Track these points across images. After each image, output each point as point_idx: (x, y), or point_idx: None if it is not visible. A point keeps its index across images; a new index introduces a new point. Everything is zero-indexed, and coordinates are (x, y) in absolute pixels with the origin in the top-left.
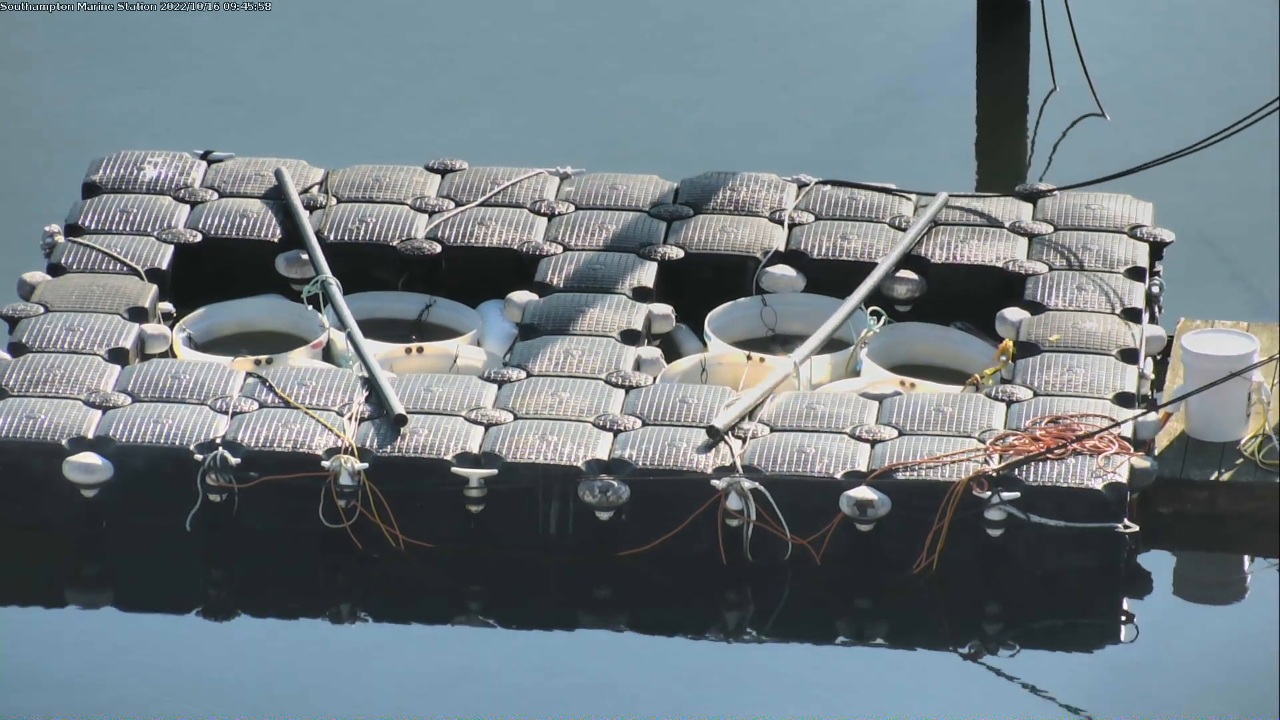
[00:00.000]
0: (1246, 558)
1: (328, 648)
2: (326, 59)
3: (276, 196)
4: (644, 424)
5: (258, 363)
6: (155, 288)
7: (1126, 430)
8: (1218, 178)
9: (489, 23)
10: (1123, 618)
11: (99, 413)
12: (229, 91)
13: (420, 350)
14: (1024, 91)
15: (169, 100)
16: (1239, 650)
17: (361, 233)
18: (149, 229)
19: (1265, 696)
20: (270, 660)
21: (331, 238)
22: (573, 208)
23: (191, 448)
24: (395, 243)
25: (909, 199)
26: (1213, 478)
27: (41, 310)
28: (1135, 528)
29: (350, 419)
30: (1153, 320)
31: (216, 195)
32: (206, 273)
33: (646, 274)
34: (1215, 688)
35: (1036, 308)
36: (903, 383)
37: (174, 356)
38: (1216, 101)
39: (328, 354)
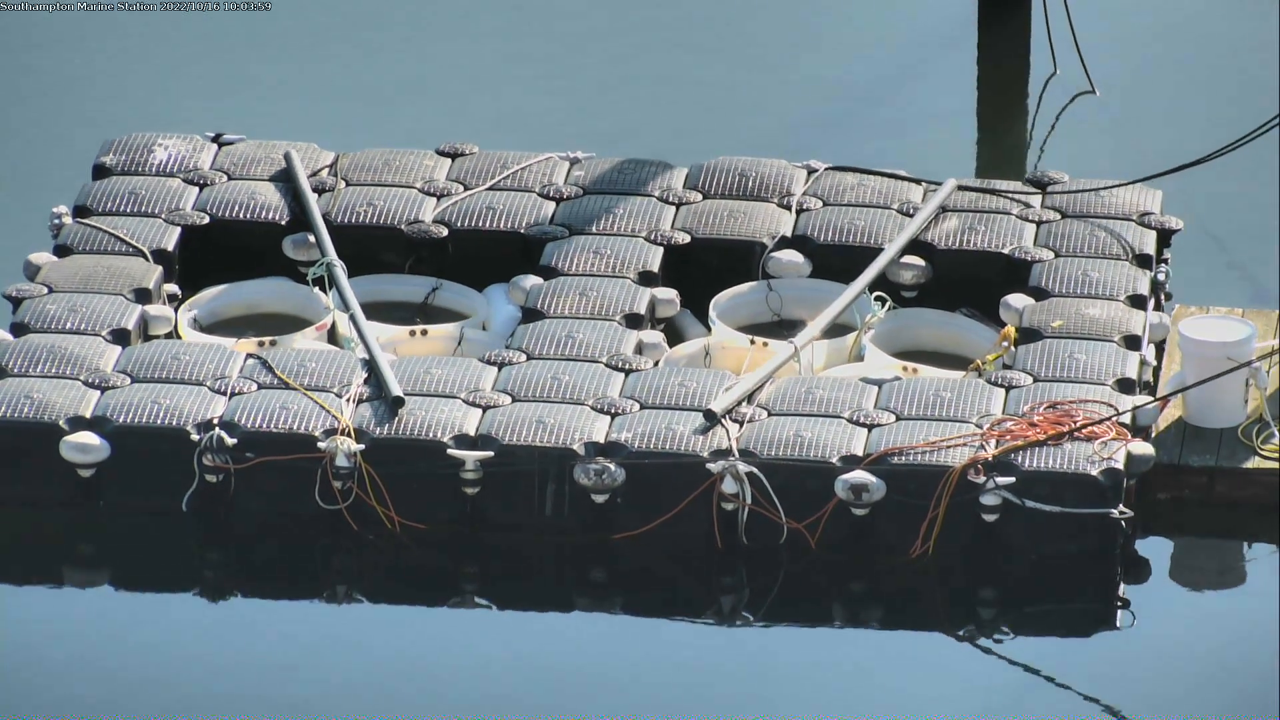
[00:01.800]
0: (1245, 544)
1: (323, 629)
2: (344, 44)
3: (285, 179)
4: (642, 407)
5: (261, 344)
6: (160, 269)
7: (1125, 417)
8: (1213, 165)
9: (504, 6)
10: (1119, 603)
11: (97, 393)
12: (245, 75)
13: (424, 333)
14: (1024, 74)
15: (183, 84)
16: (1237, 636)
17: (369, 215)
18: (157, 211)
19: (1264, 682)
20: (265, 641)
21: (339, 220)
22: (581, 192)
23: (188, 428)
24: (403, 226)
25: (918, 185)
26: (1211, 463)
27: (45, 291)
28: (1129, 513)
29: (348, 401)
30: (1158, 307)
31: (225, 178)
32: (213, 255)
33: (652, 258)
34: (1213, 674)
35: (1041, 294)
36: (905, 368)
37: (178, 338)
38: (1217, 82)
39: (332, 336)
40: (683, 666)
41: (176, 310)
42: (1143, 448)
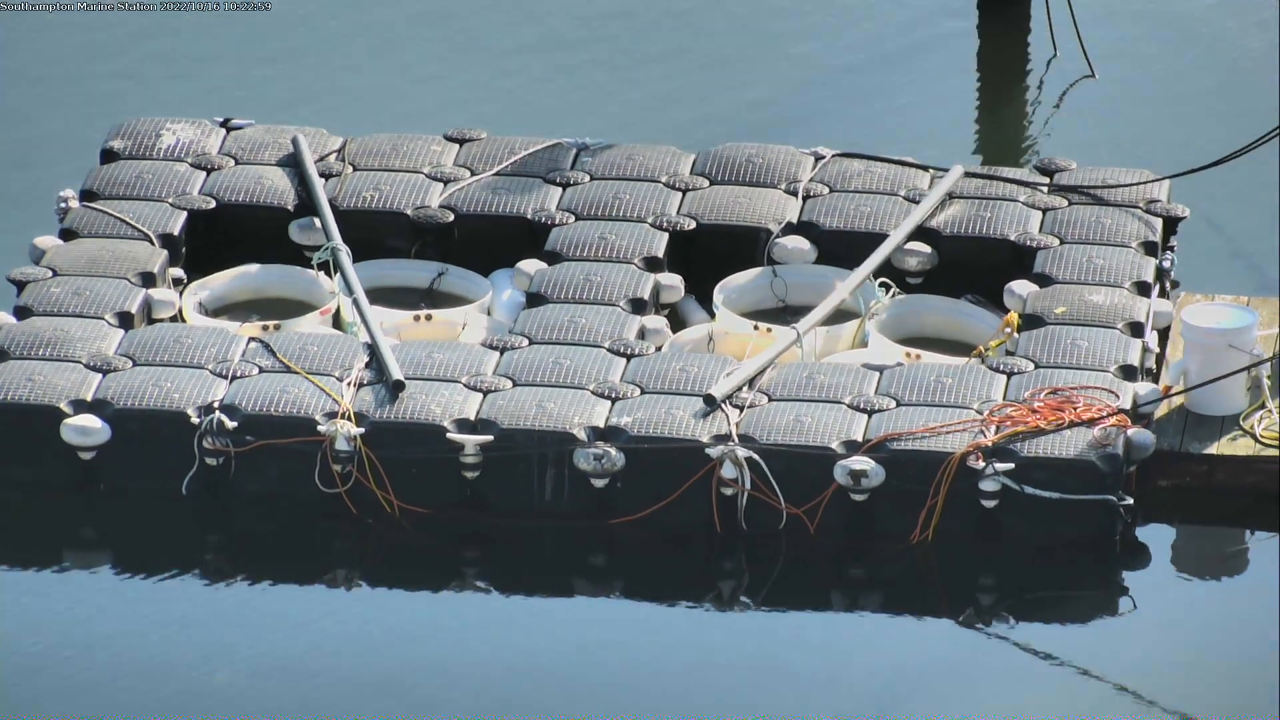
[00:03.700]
0: (1245, 531)
1: (323, 612)
2: (358, 32)
3: (293, 164)
4: (643, 392)
5: (265, 329)
6: (165, 253)
7: (1125, 403)
8: (1217, 153)
9: None
10: (1119, 590)
11: (99, 376)
12: (256, 63)
13: (429, 318)
14: (1024, 58)
15: (194, 69)
16: (1237, 623)
17: (376, 200)
18: (164, 195)
19: (1264, 669)
20: (265, 624)
21: (344, 205)
22: (588, 178)
23: (189, 411)
24: (409, 210)
25: (925, 172)
26: (1212, 451)
27: (49, 274)
28: (1129, 500)
29: (349, 384)
30: (1163, 295)
31: (233, 162)
32: (220, 239)
33: (657, 244)
34: (1213, 660)
35: (1045, 280)
36: (908, 354)
37: (183, 322)
38: (1216, 62)
39: (337, 321)
40: (681, 651)
41: (181, 294)
42: (1143, 434)
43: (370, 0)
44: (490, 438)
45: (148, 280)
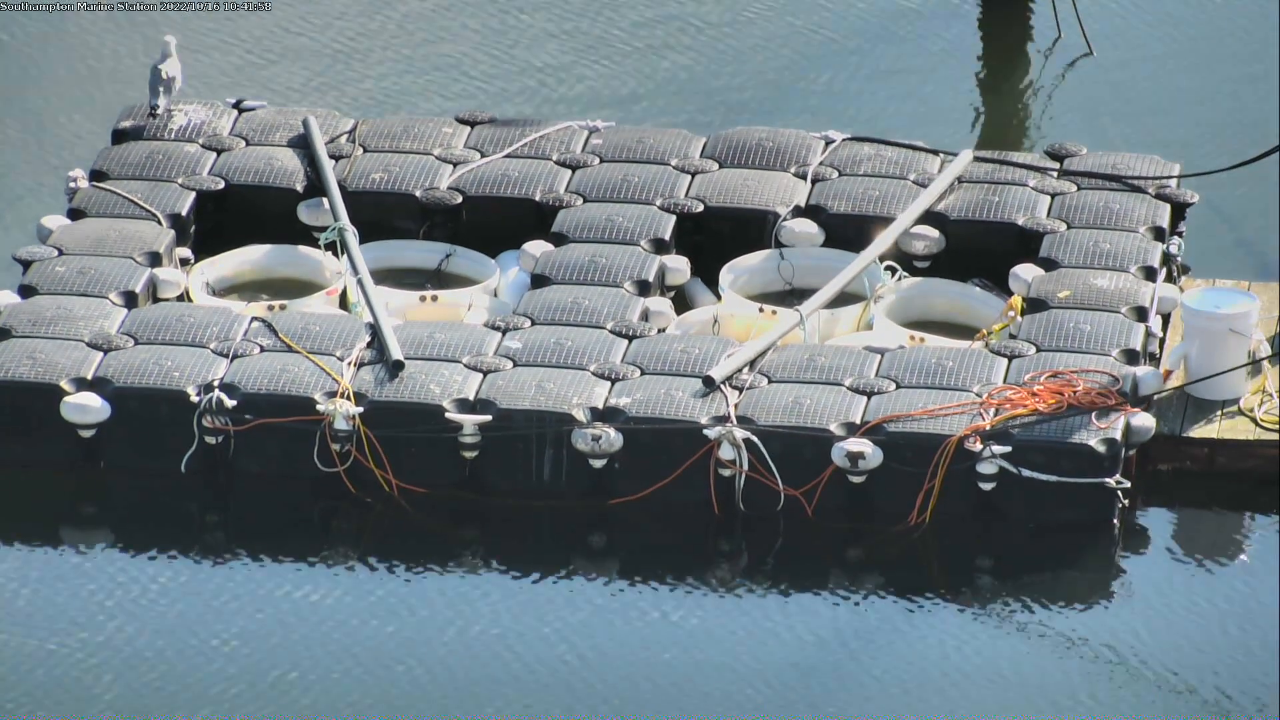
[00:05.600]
0: (1245, 515)
1: (321, 590)
2: (380, 13)
3: (304, 145)
4: (643, 373)
5: (271, 309)
6: (172, 233)
7: (1125, 387)
8: (1219, 139)
9: None
10: (1118, 573)
11: (99, 354)
12: (271, 48)
13: (435, 299)
14: (1026, 40)
15: (210, 51)
16: (1236, 607)
17: (385, 182)
18: (174, 176)
19: (1264, 653)
20: (264, 602)
21: (352, 187)
22: (598, 160)
23: (189, 390)
24: (417, 192)
25: (935, 156)
26: (1212, 435)
27: (55, 254)
28: (1126, 483)
29: (349, 364)
30: (1170, 279)
31: (244, 143)
32: (229, 219)
33: (664, 226)
34: (1212, 643)
35: (1050, 264)
36: (912, 338)
37: (190, 302)
38: (1217, 45)
39: (344, 301)
40: (678, 631)
41: (188, 274)
42: (1142, 418)
43: None
44: (489, 418)
45: (154, 260)
